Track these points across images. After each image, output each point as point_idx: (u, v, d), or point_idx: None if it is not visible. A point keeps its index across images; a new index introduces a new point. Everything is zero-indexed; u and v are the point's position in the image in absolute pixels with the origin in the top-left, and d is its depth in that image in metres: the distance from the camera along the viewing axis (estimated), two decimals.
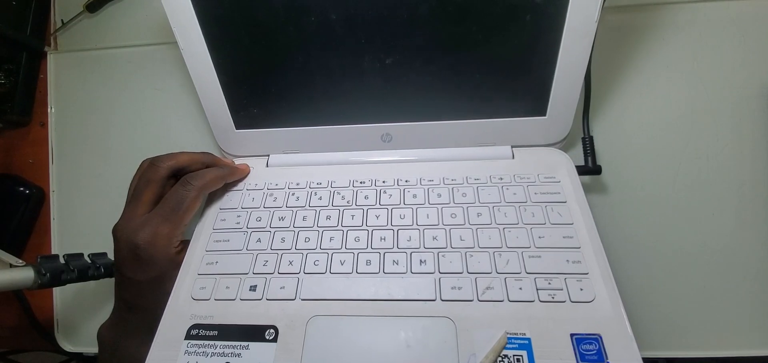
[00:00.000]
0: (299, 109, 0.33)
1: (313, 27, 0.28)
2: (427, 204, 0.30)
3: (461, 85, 0.30)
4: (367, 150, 0.34)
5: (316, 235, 0.30)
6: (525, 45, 0.28)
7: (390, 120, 0.32)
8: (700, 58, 0.36)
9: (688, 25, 0.36)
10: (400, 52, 0.29)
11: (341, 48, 0.29)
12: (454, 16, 0.27)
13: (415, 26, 0.28)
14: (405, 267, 0.27)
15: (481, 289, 0.26)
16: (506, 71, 0.29)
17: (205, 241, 0.31)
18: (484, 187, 0.31)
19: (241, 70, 0.31)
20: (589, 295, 0.25)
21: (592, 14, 0.27)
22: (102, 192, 0.41)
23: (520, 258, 0.27)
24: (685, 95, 0.35)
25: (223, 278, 0.28)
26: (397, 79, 0.30)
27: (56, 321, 0.41)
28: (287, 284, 0.27)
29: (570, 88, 0.30)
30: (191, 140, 0.40)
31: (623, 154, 0.35)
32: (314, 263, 0.28)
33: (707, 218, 0.34)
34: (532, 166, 0.32)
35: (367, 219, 0.30)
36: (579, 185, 0.30)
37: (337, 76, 0.31)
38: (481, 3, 0.27)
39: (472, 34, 0.28)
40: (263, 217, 0.31)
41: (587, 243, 0.27)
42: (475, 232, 0.28)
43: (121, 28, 0.42)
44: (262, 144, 0.35)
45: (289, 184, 0.33)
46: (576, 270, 0.26)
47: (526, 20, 0.27)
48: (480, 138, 0.33)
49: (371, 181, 0.32)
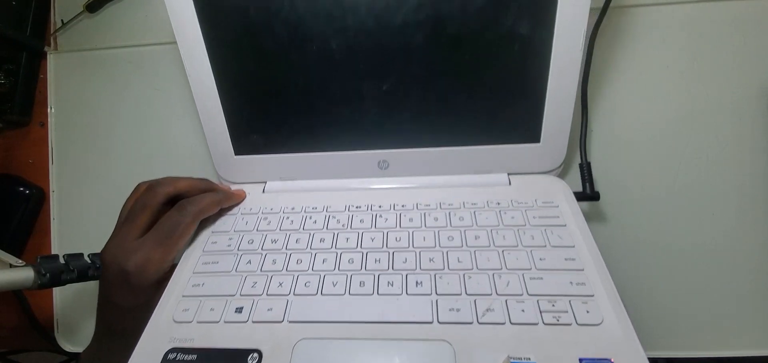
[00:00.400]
0: (298, 135, 0.33)
1: (314, 55, 0.30)
2: (424, 227, 0.30)
3: (456, 112, 0.31)
4: (364, 177, 0.34)
5: (308, 256, 0.29)
6: (515, 73, 0.30)
7: (387, 146, 0.33)
8: (699, 58, 0.35)
9: (687, 25, 0.35)
10: (396, 80, 0.30)
11: (340, 75, 0.31)
12: (447, 46, 0.29)
13: (410, 55, 0.30)
14: (400, 288, 0.26)
15: (481, 311, 0.24)
16: (498, 98, 0.30)
17: (194, 264, 0.29)
18: (482, 211, 0.30)
19: (244, 97, 0.32)
20: (597, 318, 0.23)
21: (577, 44, 0.28)
22: (102, 192, 0.41)
23: (521, 279, 0.25)
24: (685, 96, 0.35)
25: (208, 300, 0.27)
26: (393, 106, 0.31)
27: (56, 321, 0.41)
28: (275, 306, 0.26)
29: (562, 114, 0.30)
30: (190, 140, 0.40)
31: (622, 156, 0.35)
32: (305, 285, 0.27)
33: (707, 218, 0.33)
34: (529, 192, 0.31)
35: (362, 242, 0.29)
36: (578, 210, 0.30)
37: (335, 102, 0.32)
38: (471, 33, 0.28)
39: (464, 62, 0.29)
40: (255, 239, 0.31)
41: (590, 265, 0.26)
42: (473, 254, 0.27)
43: (121, 28, 0.42)
44: (260, 171, 0.35)
45: (284, 208, 0.33)
46: (581, 292, 0.25)
47: (514, 50, 0.29)
48: (476, 165, 0.33)
49: (367, 206, 0.32)
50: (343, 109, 0.32)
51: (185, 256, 0.30)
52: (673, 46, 0.35)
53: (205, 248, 0.31)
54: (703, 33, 0.35)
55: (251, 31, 0.30)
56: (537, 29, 0.28)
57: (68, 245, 0.42)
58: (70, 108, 0.43)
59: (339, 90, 0.31)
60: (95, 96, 0.42)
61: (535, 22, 0.28)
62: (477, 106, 0.31)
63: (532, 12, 0.27)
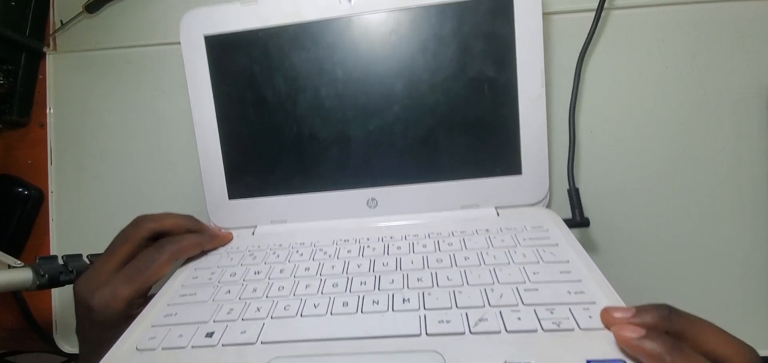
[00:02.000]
0: (289, 176, 0.35)
1: (306, 102, 0.34)
2: (412, 253, 0.29)
3: (439, 149, 0.33)
4: (354, 217, 0.34)
5: (290, 282, 0.27)
6: (488, 111, 0.32)
7: (375, 185, 0.34)
8: (698, 58, 0.35)
9: (686, 25, 0.35)
10: (381, 122, 0.33)
11: (330, 119, 0.34)
12: (424, 90, 0.33)
13: (392, 99, 0.33)
14: (386, 306, 0.24)
15: (473, 321, 0.22)
16: (476, 134, 0.33)
17: (170, 297, 0.28)
18: (471, 237, 0.30)
19: (242, 141, 0.35)
20: (601, 323, 0.21)
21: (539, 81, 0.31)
22: (101, 193, 0.40)
23: (515, 291, 0.24)
24: (684, 96, 0.35)
25: (177, 327, 0.25)
26: (379, 146, 0.34)
27: (55, 322, 0.40)
28: (249, 329, 0.24)
29: (538, 146, 0.32)
30: (190, 140, 0.39)
31: (620, 158, 0.35)
32: (284, 308, 0.25)
33: (707, 219, 0.32)
34: (518, 220, 0.31)
35: (348, 268, 0.28)
36: (569, 233, 0.29)
37: (325, 144, 0.34)
38: (444, 78, 0.32)
39: (442, 103, 0.33)
40: (238, 272, 0.29)
41: (588, 277, 0.24)
42: (463, 272, 0.26)
43: (120, 29, 0.42)
44: (251, 215, 0.36)
45: (271, 245, 0.32)
46: (581, 300, 0.23)
47: (484, 89, 0.32)
48: (464, 200, 0.33)
49: (355, 240, 0.31)
50: (333, 150, 0.34)
51: (163, 290, 0.29)
52: (672, 46, 0.35)
53: (184, 283, 0.29)
54: (703, 34, 0.35)
55: (253, 84, 0.34)
56: (501, 71, 0.32)
57: (67, 246, 0.41)
58: (70, 109, 0.43)
59: (329, 132, 0.34)
60: (95, 97, 0.42)
61: (498, 65, 0.32)
62: (458, 142, 0.33)
63: (494, 57, 0.32)
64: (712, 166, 0.35)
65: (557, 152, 0.35)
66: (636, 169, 0.36)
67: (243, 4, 0.33)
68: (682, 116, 0.35)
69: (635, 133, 0.36)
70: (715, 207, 0.33)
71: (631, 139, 0.36)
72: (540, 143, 0.32)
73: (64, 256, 0.32)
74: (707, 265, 0.34)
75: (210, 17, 0.34)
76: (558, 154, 0.35)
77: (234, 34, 0.33)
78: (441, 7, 0.31)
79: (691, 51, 0.35)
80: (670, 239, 0.34)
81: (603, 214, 0.35)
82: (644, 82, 0.36)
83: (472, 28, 0.31)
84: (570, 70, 0.35)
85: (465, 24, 0.31)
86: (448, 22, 0.32)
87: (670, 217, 0.34)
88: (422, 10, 0.32)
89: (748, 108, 0.35)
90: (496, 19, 0.31)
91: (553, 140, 0.35)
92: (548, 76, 0.34)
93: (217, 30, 0.34)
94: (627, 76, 0.36)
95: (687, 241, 0.34)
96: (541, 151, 0.32)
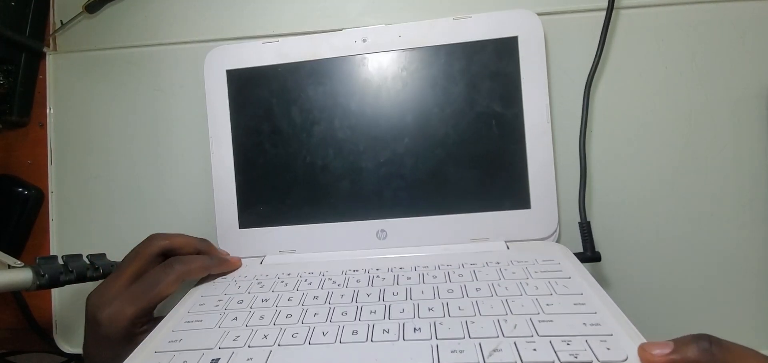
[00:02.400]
0: (300, 206, 0.35)
1: (320, 134, 0.35)
2: (422, 283, 0.28)
3: (449, 182, 0.34)
4: (363, 248, 0.34)
5: (299, 310, 0.27)
6: (496, 145, 0.33)
7: (385, 216, 0.34)
8: (698, 59, 0.35)
9: (686, 26, 0.35)
10: (392, 154, 0.34)
11: (342, 151, 0.35)
12: (435, 124, 0.34)
13: (403, 133, 0.34)
14: (397, 335, 0.23)
15: (488, 352, 0.21)
16: (485, 168, 0.33)
17: (175, 323, 0.27)
18: (481, 269, 0.29)
19: (255, 171, 0.36)
20: (620, 355, 0.20)
21: (544, 117, 0.33)
22: (101, 193, 0.40)
23: (529, 322, 0.23)
24: (684, 96, 0.35)
25: (182, 354, 0.24)
26: (390, 178, 0.34)
27: (55, 322, 0.40)
28: (256, 356, 0.23)
29: (545, 180, 0.33)
30: (189, 140, 0.40)
31: (618, 160, 0.35)
32: (292, 336, 0.24)
33: (706, 219, 0.32)
34: (529, 253, 0.31)
35: (358, 297, 0.28)
36: (582, 266, 0.29)
37: (337, 174, 0.35)
38: (453, 113, 0.33)
39: (451, 137, 0.34)
40: (245, 299, 0.29)
41: (603, 309, 0.24)
42: (475, 303, 0.25)
43: (120, 29, 0.42)
44: (261, 244, 0.36)
45: (279, 274, 0.32)
46: (597, 332, 0.22)
47: (492, 125, 0.33)
48: (473, 232, 0.33)
49: (365, 270, 0.31)
50: (344, 181, 0.35)
51: (168, 316, 0.28)
52: (671, 48, 0.35)
53: (190, 310, 0.29)
54: (702, 35, 0.35)
55: (270, 115, 0.35)
56: (507, 107, 0.33)
57: (67, 246, 0.41)
58: (70, 109, 0.43)
59: (340, 164, 0.35)
60: (95, 97, 0.42)
61: (505, 101, 0.33)
62: (467, 177, 0.33)
63: (500, 93, 0.33)
64: (712, 167, 0.35)
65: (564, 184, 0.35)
66: (636, 179, 0.35)
67: (264, 42, 0.35)
68: (681, 116, 0.35)
69: (635, 134, 0.36)
70: (714, 208, 0.33)
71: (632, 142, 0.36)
72: (547, 177, 0.32)
73: (64, 256, 0.32)
74: (707, 264, 0.33)
75: (233, 53, 0.36)
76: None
77: (254, 69, 0.35)
78: (450, 47, 0.33)
79: (692, 51, 0.35)
80: (671, 240, 0.34)
81: (603, 219, 0.35)
82: (645, 84, 0.36)
83: (479, 66, 0.32)
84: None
85: (473, 62, 0.33)
86: (457, 60, 0.33)
87: (672, 222, 0.34)
88: (433, 49, 0.34)
89: (747, 108, 0.35)
90: (502, 58, 0.32)
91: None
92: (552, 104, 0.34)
93: (239, 65, 0.36)
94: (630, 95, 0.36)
95: (685, 241, 0.34)
96: (549, 184, 0.32)
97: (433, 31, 0.34)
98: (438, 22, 0.34)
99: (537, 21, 0.33)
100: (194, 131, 0.41)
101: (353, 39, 0.35)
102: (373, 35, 0.35)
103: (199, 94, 0.39)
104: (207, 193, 0.39)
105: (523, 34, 0.32)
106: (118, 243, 0.40)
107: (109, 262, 0.36)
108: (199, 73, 0.38)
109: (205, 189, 0.40)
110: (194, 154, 0.41)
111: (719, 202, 0.34)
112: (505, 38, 0.32)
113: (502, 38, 0.32)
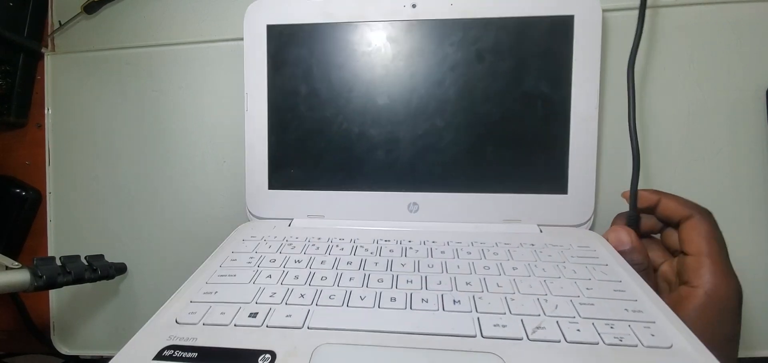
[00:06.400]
0: (331, 171, 0.35)
1: (358, 101, 0.34)
2: (457, 258, 0.28)
3: (485, 160, 0.33)
4: (394, 220, 0.34)
5: (334, 274, 0.27)
6: (539, 127, 0.33)
7: (418, 189, 0.34)
8: (696, 60, 0.35)
9: (684, 27, 0.36)
10: (430, 127, 0.33)
11: (379, 120, 0.34)
12: (476, 100, 0.33)
13: (444, 106, 0.33)
14: (436, 305, 0.23)
15: (531, 328, 0.21)
16: (524, 149, 0.33)
17: (208, 275, 0.27)
18: (516, 249, 0.29)
19: (289, 132, 0.35)
20: (665, 341, 0.20)
21: (593, 103, 0.32)
22: (99, 194, 0.40)
23: (571, 303, 0.23)
24: (682, 98, 0.35)
25: (218, 305, 0.24)
26: (426, 151, 0.34)
27: (52, 324, 0.40)
28: (295, 313, 0.23)
29: (586, 167, 0.32)
30: (188, 141, 0.40)
31: (617, 156, 0.34)
32: (329, 297, 0.24)
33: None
34: (563, 238, 0.31)
35: (392, 266, 0.27)
36: (618, 255, 0.28)
37: (372, 143, 0.34)
38: (498, 91, 0.33)
39: (492, 115, 0.33)
40: (278, 259, 0.29)
41: (643, 297, 0.24)
42: (513, 281, 0.25)
43: (119, 30, 0.42)
44: (289, 207, 0.35)
45: (310, 237, 0.32)
46: (639, 318, 0.22)
47: (537, 106, 0.32)
48: (506, 213, 0.33)
49: (397, 241, 0.31)
50: (379, 150, 0.34)
51: (200, 269, 0.28)
52: (670, 46, 0.36)
53: (222, 264, 0.29)
54: (701, 35, 0.35)
55: (308, 76, 0.35)
56: (555, 89, 0.32)
57: (65, 247, 0.41)
58: (68, 110, 0.43)
59: (376, 132, 0.34)
60: (93, 98, 0.42)
61: (553, 83, 0.32)
62: (505, 156, 0.33)
63: (550, 74, 0.32)
64: (710, 168, 0.35)
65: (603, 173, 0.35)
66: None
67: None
68: (680, 117, 0.35)
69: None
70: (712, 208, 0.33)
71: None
72: (589, 164, 0.32)
73: (61, 257, 0.32)
74: None
75: (275, 7, 0.35)
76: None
77: (297, 25, 0.34)
78: (503, 21, 0.32)
79: (689, 52, 0.35)
80: None
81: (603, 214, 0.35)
82: (645, 84, 0.35)
83: (531, 43, 0.32)
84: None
85: (525, 39, 0.32)
86: (507, 36, 0.32)
87: None
88: (484, 21, 0.32)
89: (745, 109, 0.35)
90: (556, 37, 0.31)
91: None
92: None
93: (280, 20, 0.34)
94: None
95: None
96: (589, 172, 0.32)
97: (486, 2, 0.33)
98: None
99: (596, 2, 0.32)
100: (194, 131, 0.41)
101: (402, 4, 0.33)
102: (423, 1, 0.33)
103: (199, 93, 0.40)
104: (208, 193, 0.40)
105: (580, 13, 0.31)
106: (115, 244, 0.42)
107: (106, 263, 0.37)
108: (200, 72, 0.38)
109: (207, 187, 0.40)
110: (194, 154, 0.41)
111: (718, 203, 0.34)
112: (561, 17, 0.31)
113: (557, 16, 0.31)
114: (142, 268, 0.41)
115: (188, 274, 0.28)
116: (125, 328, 0.41)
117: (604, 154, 0.35)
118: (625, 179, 0.32)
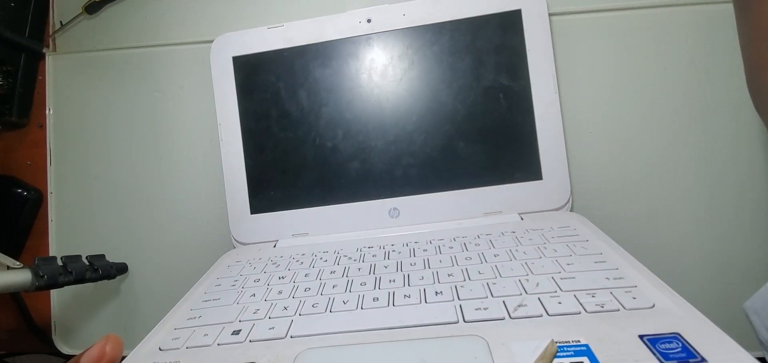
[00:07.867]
0: (311, 188, 0.35)
1: (328, 116, 0.35)
2: (439, 254, 0.28)
3: (459, 156, 0.34)
4: (376, 228, 0.34)
5: (317, 284, 0.26)
6: (506, 118, 0.33)
7: (397, 194, 0.34)
8: (696, 60, 0.35)
9: (684, 27, 0.35)
10: (401, 132, 0.34)
11: (352, 131, 0.35)
12: (442, 100, 0.34)
13: (412, 109, 0.34)
14: (418, 299, 0.23)
15: (512, 307, 0.21)
16: (496, 141, 0.33)
17: (193, 303, 0.27)
18: (498, 238, 0.29)
19: (265, 155, 0.36)
20: (647, 302, 0.20)
21: (551, 88, 0.33)
22: (100, 194, 0.40)
23: (552, 280, 0.23)
24: (682, 98, 0.35)
25: (202, 328, 0.24)
26: (401, 156, 0.34)
27: (54, 323, 0.40)
28: (278, 325, 0.23)
29: (556, 150, 0.33)
30: (188, 141, 0.40)
31: (617, 157, 0.34)
32: (312, 306, 0.24)
33: (705, 220, 0.32)
34: (544, 222, 0.31)
35: (375, 269, 0.27)
36: (598, 230, 0.28)
37: (347, 155, 0.35)
38: (461, 87, 0.34)
39: (460, 111, 0.34)
40: (262, 278, 0.29)
41: (624, 264, 0.24)
42: (495, 267, 0.25)
43: (120, 30, 0.42)
44: (273, 228, 0.36)
45: (294, 255, 0.32)
46: (621, 284, 0.22)
47: (500, 98, 0.33)
48: (486, 206, 0.33)
49: (380, 246, 0.31)
50: (354, 161, 0.35)
51: (184, 298, 0.28)
52: (670, 46, 0.35)
53: (207, 290, 0.28)
54: (700, 35, 0.35)
55: (277, 100, 0.36)
56: (514, 80, 0.33)
57: (66, 247, 0.41)
58: (69, 110, 0.43)
59: (350, 144, 0.35)
60: (94, 98, 0.42)
61: (511, 74, 0.33)
62: (477, 151, 0.34)
63: (507, 67, 0.33)
64: (711, 168, 0.35)
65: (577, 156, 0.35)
66: (635, 169, 0.35)
67: (269, 28, 0.36)
68: (681, 117, 0.36)
69: (635, 134, 0.36)
70: (713, 208, 0.33)
71: (631, 140, 0.36)
72: (558, 147, 0.33)
73: (63, 257, 0.32)
74: (707, 265, 0.33)
75: (239, 40, 0.36)
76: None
77: (260, 54, 0.35)
78: (455, 23, 0.34)
79: (691, 53, 0.36)
80: (671, 241, 0.34)
81: (602, 213, 0.35)
82: (642, 83, 0.36)
83: (484, 41, 0.33)
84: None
85: (478, 37, 0.33)
86: (461, 36, 0.34)
87: (669, 218, 0.34)
88: (437, 26, 0.34)
89: (746, 110, 0.35)
90: (507, 32, 0.33)
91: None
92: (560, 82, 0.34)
93: (244, 51, 0.36)
94: (628, 76, 0.36)
95: (685, 242, 0.33)
96: (560, 154, 0.33)
97: (436, 8, 0.34)
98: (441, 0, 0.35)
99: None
100: (195, 131, 0.41)
101: (358, 20, 0.35)
102: (377, 15, 0.35)
103: (199, 93, 0.40)
104: (209, 191, 0.40)
105: (526, 6, 0.33)
106: (117, 244, 0.41)
107: (108, 263, 0.36)
108: (200, 72, 0.38)
109: (207, 188, 0.40)
110: (194, 154, 0.41)
111: (718, 204, 0.34)
112: (508, 12, 0.33)
113: (505, 12, 0.33)
114: (143, 267, 0.41)
115: (188, 274, 0.28)
116: (126, 328, 0.41)
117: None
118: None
